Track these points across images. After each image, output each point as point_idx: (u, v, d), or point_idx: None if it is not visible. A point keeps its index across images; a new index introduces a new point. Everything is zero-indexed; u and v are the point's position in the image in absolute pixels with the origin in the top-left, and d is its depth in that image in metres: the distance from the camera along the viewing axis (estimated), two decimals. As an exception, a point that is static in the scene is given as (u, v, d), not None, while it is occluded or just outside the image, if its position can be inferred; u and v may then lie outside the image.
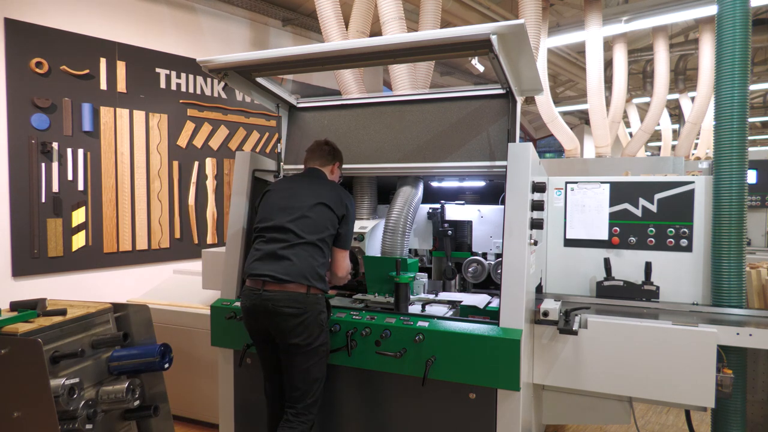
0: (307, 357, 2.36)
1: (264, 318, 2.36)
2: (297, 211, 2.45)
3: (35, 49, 4.03)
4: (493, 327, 2.29)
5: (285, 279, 2.33)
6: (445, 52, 2.40)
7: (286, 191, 2.56)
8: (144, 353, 2.54)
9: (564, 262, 3.07)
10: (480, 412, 2.31)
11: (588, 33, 6.76)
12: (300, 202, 2.48)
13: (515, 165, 2.42)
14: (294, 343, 2.33)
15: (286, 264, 2.36)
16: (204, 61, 2.58)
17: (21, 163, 3.96)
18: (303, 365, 2.36)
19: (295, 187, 2.56)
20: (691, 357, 2.27)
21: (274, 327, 2.36)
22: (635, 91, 10.98)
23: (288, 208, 2.48)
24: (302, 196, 2.51)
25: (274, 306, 2.32)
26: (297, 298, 2.33)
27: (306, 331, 2.34)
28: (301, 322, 2.33)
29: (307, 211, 2.45)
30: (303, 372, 2.36)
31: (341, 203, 2.52)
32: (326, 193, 2.51)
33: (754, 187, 5.33)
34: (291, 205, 2.49)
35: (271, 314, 2.33)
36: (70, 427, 2.23)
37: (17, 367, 2.11)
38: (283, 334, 2.34)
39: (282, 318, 2.32)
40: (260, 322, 2.39)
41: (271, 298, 2.33)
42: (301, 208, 2.46)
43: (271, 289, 2.34)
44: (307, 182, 2.59)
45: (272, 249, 2.41)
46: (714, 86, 2.69)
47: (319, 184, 2.57)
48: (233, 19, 5.57)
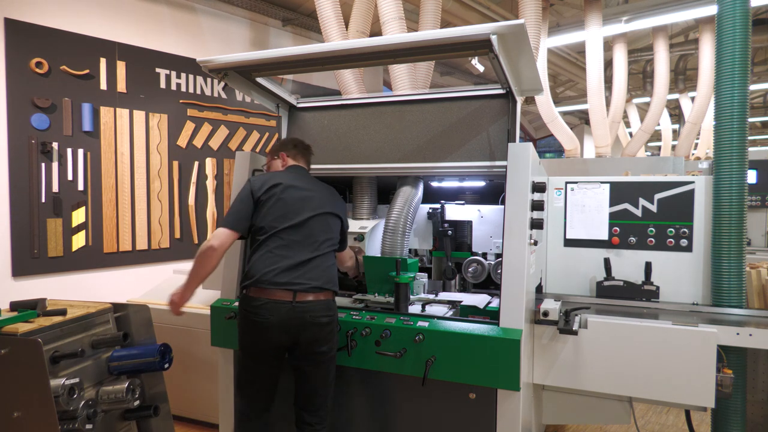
0: (331, 362, 2.39)
1: (296, 331, 2.26)
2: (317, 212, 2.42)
3: (35, 49, 4.03)
4: (493, 327, 2.29)
5: (319, 287, 2.30)
6: (445, 52, 2.40)
7: (301, 191, 2.46)
8: (144, 353, 2.54)
9: (564, 262, 3.07)
10: (480, 412, 2.31)
11: (588, 33, 6.76)
12: (320, 206, 2.45)
13: (515, 165, 2.42)
14: (322, 351, 2.32)
15: (318, 272, 2.32)
16: (204, 61, 2.58)
17: (21, 163, 3.96)
18: (327, 371, 2.38)
19: (309, 188, 2.50)
20: (691, 357, 2.27)
21: (306, 338, 2.28)
22: (635, 91, 10.98)
23: (305, 210, 2.40)
24: (318, 200, 2.47)
25: (313, 317, 2.26)
26: (329, 306, 2.34)
27: (334, 338, 2.38)
28: (332, 329, 2.35)
29: (327, 217, 2.46)
30: (325, 378, 2.38)
31: (345, 212, 2.61)
32: (337, 201, 2.56)
33: (754, 187, 5.33)
34: (308, 206, 2.42)
35: (307, 326, 2.26)
36: (70, 427, 2.23)
37: (17, 367, 2.11)
38: (313, 344, 2.30)
39: (318, 328, 2.28)
40: (289, 336, 2.27)
41: (308, 309, 2.25)
42: (321, 208, 2.44)
43: (307, 299, 2.27)
44: (314, 185, 2.56)
45: (304, 255, 2.32)
46: (714, 86, 2.69)
47: (327, 189, 2.58)
48: (233, 19, 5.57)
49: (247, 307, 2.29)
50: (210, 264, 2.31)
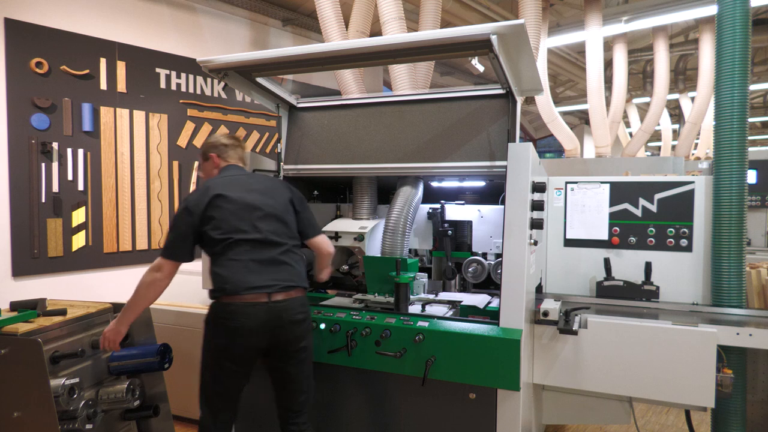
0: (311, 358, 2.41)
1: (273, 332, 2.23)
2: (269, 212, 2.33)
3: (35, 49, 4.03)
4: (493, 327, 2.29)
5: (292, 285, 2.28)
6: (445, 52, 2.40)
7: (242, 197, 2.32)
8: (144, 353, 2.54)
9: (564, 262, 3.07)
10: (480, 412, 2.31)
11: (588, 33, 6.76)
12: (272, 200, 2.36)
13: (515, 165, 2.42)
14: (303, 347, 2.32)
15: (289, 270, 2.30)
16: (204, 61, 2.58)
17: (21, 163, 3.96)
18: (309, 368, 2.39)
19: (250, 190, 2.37)
20: (691, 357, 2.27)
21: (285, 337, 2.25)
22: (635, 91, 10.98)
23: (256, 211, 2.31)
24: (262, 202, 2.34)
25: (289, 315, 2.24)
26: (303, 302, 2.33)
27: (310, 334, 2.39)
28: (308, 325, 2.36)
29: (277, 212, 2.35)
30: (308, 374, 2.39)
31: (296, 197, 2.46)
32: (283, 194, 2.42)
33: (754, 187, 5.33)
34: (257, 206, 2.32)
35: (285, 325, 2.24)
36: (70, 427, 2.23)
37: (17, 367, 2.11)
38: (293, 342, 2.28)
39: (296, 326, 2.27)
40: (266, 338, 2.23)
41: (284, 308, 2.23)
42: (274, 207, 2.35)
43: (281, 298, 2.24)
44: (255, 183, 2.42)
45: (269, 256, 2.26)
46: (714, 86, 2.69)
47: (270, 184, 2.45)
48: (233, 19, 5.57)
49: (222, 313, 2.22)
50: (155, 296, 2.29)
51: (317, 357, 2.53)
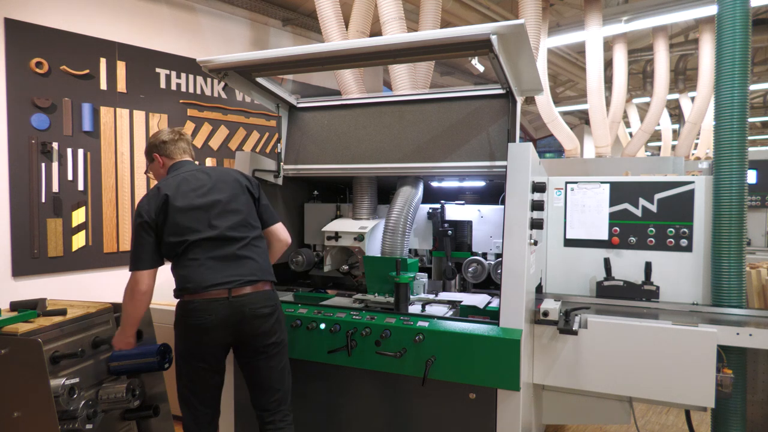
0: (283, 354, 2.37)
1: (237, 327, 2.21)
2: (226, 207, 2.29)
3: (35, 49, 4.03)
4: (493, 327, 2.29)
5: (255, 279, 2.25)
6: (445, 52, 2.40)
7: (194, 198, 2.28)
8: (144, 353, 2.54)
9: (564, 262, 3.07)
10: (480, 412, 2.31)
11: (588, 33, 6.76)
12: (222, 195, 2.30)
13: (515, 165, 2.42)
14: (272, 343, 2.29)
15: (251, 264, 2.26)
16: (204, 61, 2.58)
17: (21, 163, 3.96)
18: (281, 363, 2.35)
19: (200, 187, 2.31)
20: (691, 357, 2.27)
21: (250, 332, 2.24)
22: (635, 91, 10.98)
23: (212, 208, 2.27)
24: (217, 189, 2.31)
25: (252, 310, 2.22)
26: (269, 296, 2.30)
27: (280, 328, 2.35)
28: (276, 319, 2.32)
29: (234, 205, 2.31)
30: (281, 371, 2.35)
31: (252, 184, 2.42)
32: (237, 178, 2.38)
33: (754, 187, 5.33)
34: (213, 203, 2.28)
35: (248, 320, 2.21)
36: (70, 427, 2.23)
37: (17, 367, 2.11)
38: (260, 338, 2.26)
39: (261, 320, 2.24)
40: (230, 333, 2.22)
41: (245, 303, 2.20)
42: (227, 201, 2.30)
43: (243, 293, 2.21)
44: (205, 179, 2.34)
45: (228, 252, 2.23)
46: (714, 86, 2.69)
47: (221, 176, 2.38)
48: (233, 19, 5.57)
49: (183, 312, 2.23)
50: (144, 306, 2.33)
51: (317, 357, 2.53)
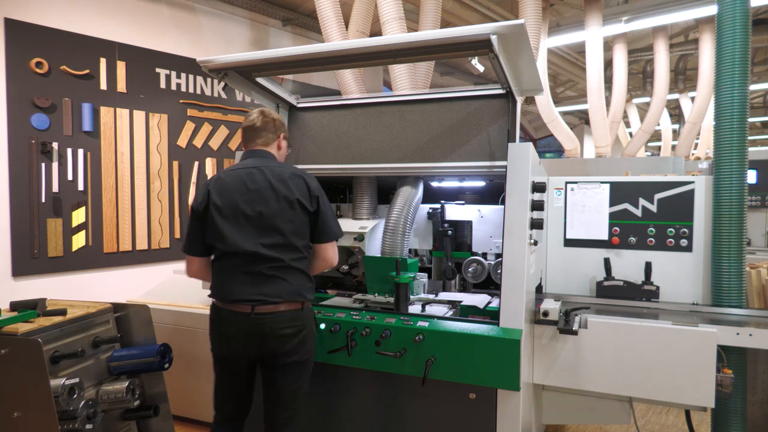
0: (302, 373, 2.26)
1: (255, 343, 2.16)
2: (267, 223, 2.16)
3: (35, 49, 4.03)
4: (493, 327, 2.29)
5: (280, 301, 2.15)
6: (445, 52, 2.39)
7: (241, 193, 2.19)
8: (144, 353, 2.54)
9: (564, 262, 3.07)
10: (480, 412, 2.31)
11: (588, 33, 6.76)
12: (267, 209, 2.17)
13: (515, 165, 2.42)
14: (291, 362, 2.19)
15: (281, 285, 2.16)
16: (204, 61, 2.58)
17: (21, 163, 3.96)
18: (296, 383, 2.24)
19: (250, 188, 2.20)
20: (691, 357, 2.27)
21: (268, 350, 2.17)
22: (635, 91, 10.98)
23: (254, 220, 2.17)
24: (264, 200, 2.18)
25: (272, 329, 2.14)
26: (295, 317, 2.18)
27: (305, 347, 2.23)
28: (301, 339, 2.20)
29: (277, 222, 2.16)
30: (295, 390, 2.23)
31: (310, 196, 2.23)
32: (291, 188, 2.19)
33: (754, 187, 5.33)
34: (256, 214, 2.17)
35: (266, 337, 2.14)
36: (70, 427, 2.23)
37: (17, 367, 2.11)
38: (276, 357, 2.18)
39: (280, 340, 2.15)
40: (250, 348, 2.17)
41: (266, 321, 2.13)
42: (271, 217, 2.16)
43: (265, 311, 2.14)
44: (261, 177, 2.21)
45: (258, 270, 2.15)
46: (714, 86, 2.69)
47: (277, 178, 2.21)
48: (233, 19, 5.57)
49: (213, 315, 2.27)
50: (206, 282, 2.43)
51: (317, 357, 2.52)
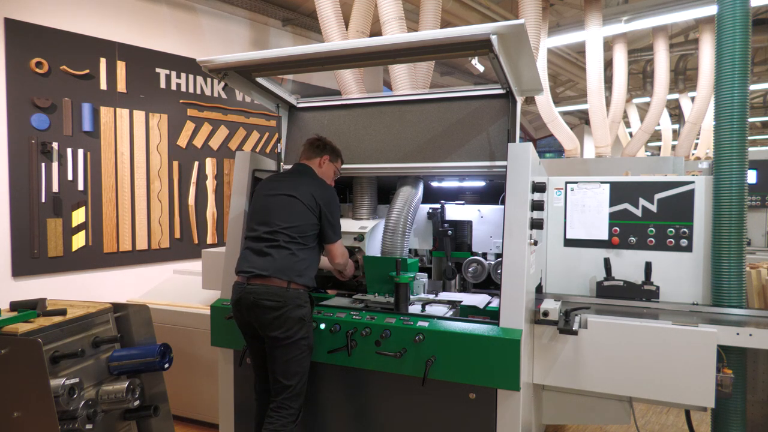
0: (287, 350, 2.42)
1: (247, 310, 2.45)
2: (279, 210, 2.56)
3: (35, 49, 4.03)
4: (493, 327, 2.29)
5: (266, 274, 2.43)
6: (445, 52, 2.39)
7: (271, 189, 2.64)
8: (144, 353, 2.54)
9: (564, 262, 3.07)
10: (480, 412, 2.31)
11: (588, 33, 6.76)
12: (281, 201, 2.58)
13: (515, 165, 2.41)
14: (273, 336, 2.40)
15: (268, 260, 2.47)
16: (204, 61, 2.58)
17: (21, 163, 3.96)
18: (283, 358, 2.42)
19: (278, 185, 2.64)
20: (691, 357, 2.27)
21: (255, 319, 2.45)
22: (635, 91, 10.98)
23: (271, 208, 2.57)
24: (283, 194, 2.60)
25: (255, 298, 2.41)
26: (277, 292, 2.41)
27: (285, 325, 2.40)
28: (280, 315, 2.39)
29: (287, 210, 2.55)
30: (283, 365, 2.42)
31: (313, 200, 2.56)
32: (302, 189, 2.57)
33: (754, 187, 5.33)
34: (273, 204, 2.58)
35: (252, 306, 2.42)
36: (70, 427, 2.23)
37: (17, 367, 2.11)
38: (263, 327, 2.43)
39: (261, 310, 2.41)
40: (244, 315, 2.49)
41: (253, 291, 2.43)
42: (283, 207, 2.56)
43: (255, 283, 2.45)
44: (290, 179, 2.66)
45: (258, 247, 2.52)
46: (714, 86, 2.69)
47: (299, 181, 2.62)
48: (233, 19, 5.57)
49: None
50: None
51: (317, 357, 2.53)
